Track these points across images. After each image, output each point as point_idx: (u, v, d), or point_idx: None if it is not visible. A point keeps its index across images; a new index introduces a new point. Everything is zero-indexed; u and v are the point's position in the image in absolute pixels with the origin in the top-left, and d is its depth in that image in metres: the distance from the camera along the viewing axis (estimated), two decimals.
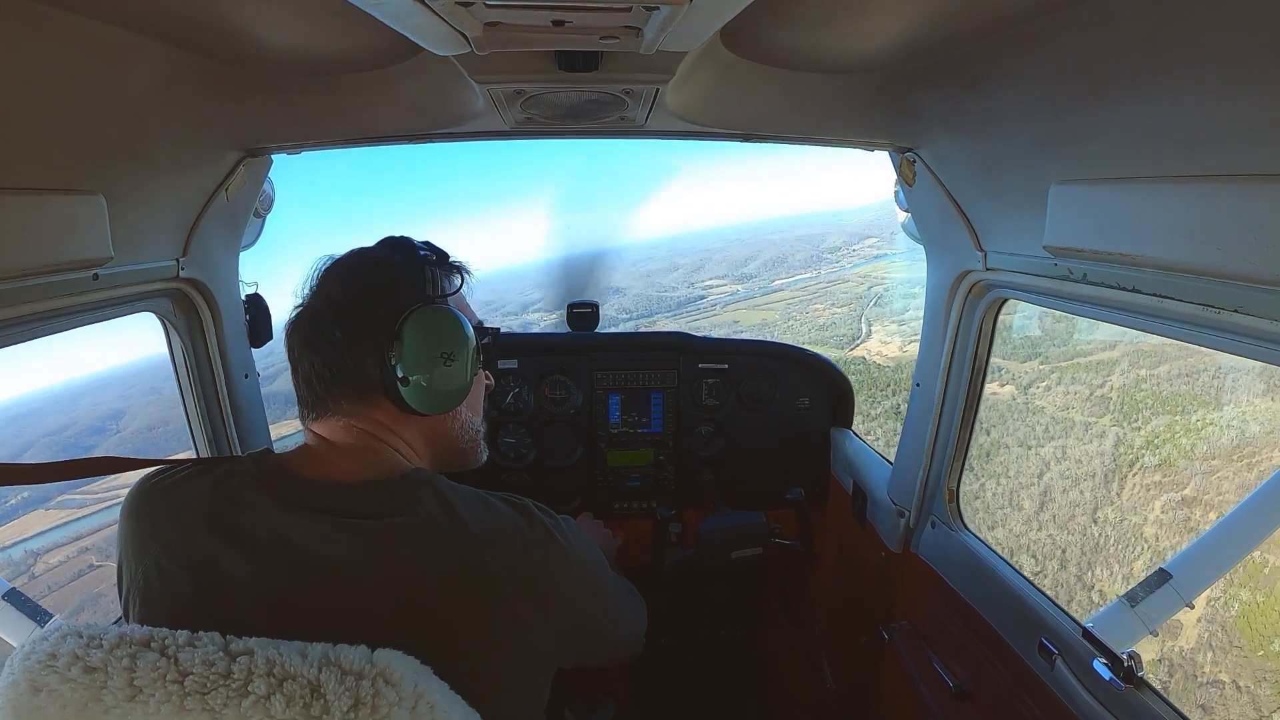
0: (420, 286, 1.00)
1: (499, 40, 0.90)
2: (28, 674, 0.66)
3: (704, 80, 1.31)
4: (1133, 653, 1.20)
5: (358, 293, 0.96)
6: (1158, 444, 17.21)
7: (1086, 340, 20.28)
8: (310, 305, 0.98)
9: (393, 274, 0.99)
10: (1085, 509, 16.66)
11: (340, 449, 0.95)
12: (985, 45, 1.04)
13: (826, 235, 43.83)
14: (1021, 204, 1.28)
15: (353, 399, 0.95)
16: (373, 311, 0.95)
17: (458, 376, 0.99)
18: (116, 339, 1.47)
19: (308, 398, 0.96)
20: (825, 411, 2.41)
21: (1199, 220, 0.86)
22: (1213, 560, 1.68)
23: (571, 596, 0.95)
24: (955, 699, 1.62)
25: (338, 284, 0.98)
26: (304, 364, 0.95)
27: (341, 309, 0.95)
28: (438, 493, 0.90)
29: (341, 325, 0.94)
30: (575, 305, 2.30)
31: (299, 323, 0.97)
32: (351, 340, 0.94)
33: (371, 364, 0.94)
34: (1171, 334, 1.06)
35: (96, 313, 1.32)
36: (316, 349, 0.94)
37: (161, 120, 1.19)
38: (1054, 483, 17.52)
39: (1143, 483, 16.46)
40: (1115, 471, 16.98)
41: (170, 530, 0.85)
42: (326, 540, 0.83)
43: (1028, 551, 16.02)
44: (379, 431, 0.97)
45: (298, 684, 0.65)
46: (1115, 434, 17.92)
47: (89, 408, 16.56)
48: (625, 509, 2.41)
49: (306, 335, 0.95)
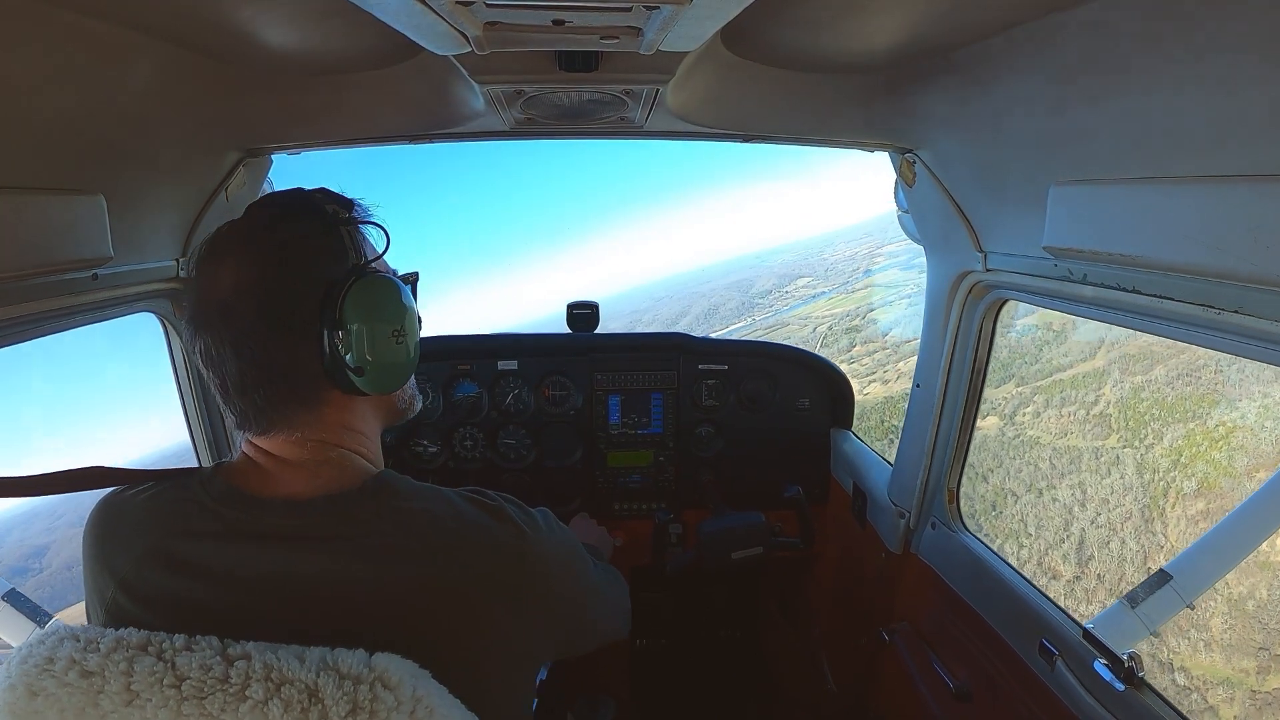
0: (342, 253, 0.87)
1: (499, 40, 0.90)
2: (25, 678, 0.66)
3: (704, 80, 1.31)
4: (1133, 654, 1.20)
5: (271, 273, 0.81)
6: (1186, 462, 14.22)
7: (1061, 352, 18.03)
8: (212, 297, 0.81)
9: (306, 243, 0.85)
10: (1135, 564, 13.37)
11: (293, 465, 0.85)
12: (985, 46, 1.04)
13: (755, 279, 42.52)
14: (1021, 204, 1.28)
15: (300, 404, 0.84)
16: (298, 292, 0.82)
17: (410, 348, 0.92)
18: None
19: (246, 409, 0.83)
20: (825, 412, 2.41)
21: (1199, 221, 0.86)
22: (1213, 560, 1.68)
23: (548, 592, 0.90)
24: (955, 700, 1.62)
25: (243, 266, 0.81)
26: (228, 369, 0.81)
27: (257, 296, 0.80)
28: (398, 502, 0.84)
29: (265, 316, 0.80)
30: (575, 306, 2.30)
31: (206, 320, 0.81)
32: (281, 332, 0.81)
33: (309, 355, 0.83)
34: (1172, 334, 1.06)
35: (96, 313, 1.31)
36: (241, 349, 0.80)
37: (162, 120, 1.19)
38: (1087, 533, 14.20)
39: (1187, 514, 13.32)
40: (1152, 506, 13.89)
41: (125, 563, 0.80)
42: (280, 566, 0.78)
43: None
44: (333, 437, 0.88)
45: (295, 689, 0.65)
46: (1132, 457, 15.10)
47: (15, 544, 15.87)
48: (625, 510, 2.41)
49: (223, 334, 0.80)
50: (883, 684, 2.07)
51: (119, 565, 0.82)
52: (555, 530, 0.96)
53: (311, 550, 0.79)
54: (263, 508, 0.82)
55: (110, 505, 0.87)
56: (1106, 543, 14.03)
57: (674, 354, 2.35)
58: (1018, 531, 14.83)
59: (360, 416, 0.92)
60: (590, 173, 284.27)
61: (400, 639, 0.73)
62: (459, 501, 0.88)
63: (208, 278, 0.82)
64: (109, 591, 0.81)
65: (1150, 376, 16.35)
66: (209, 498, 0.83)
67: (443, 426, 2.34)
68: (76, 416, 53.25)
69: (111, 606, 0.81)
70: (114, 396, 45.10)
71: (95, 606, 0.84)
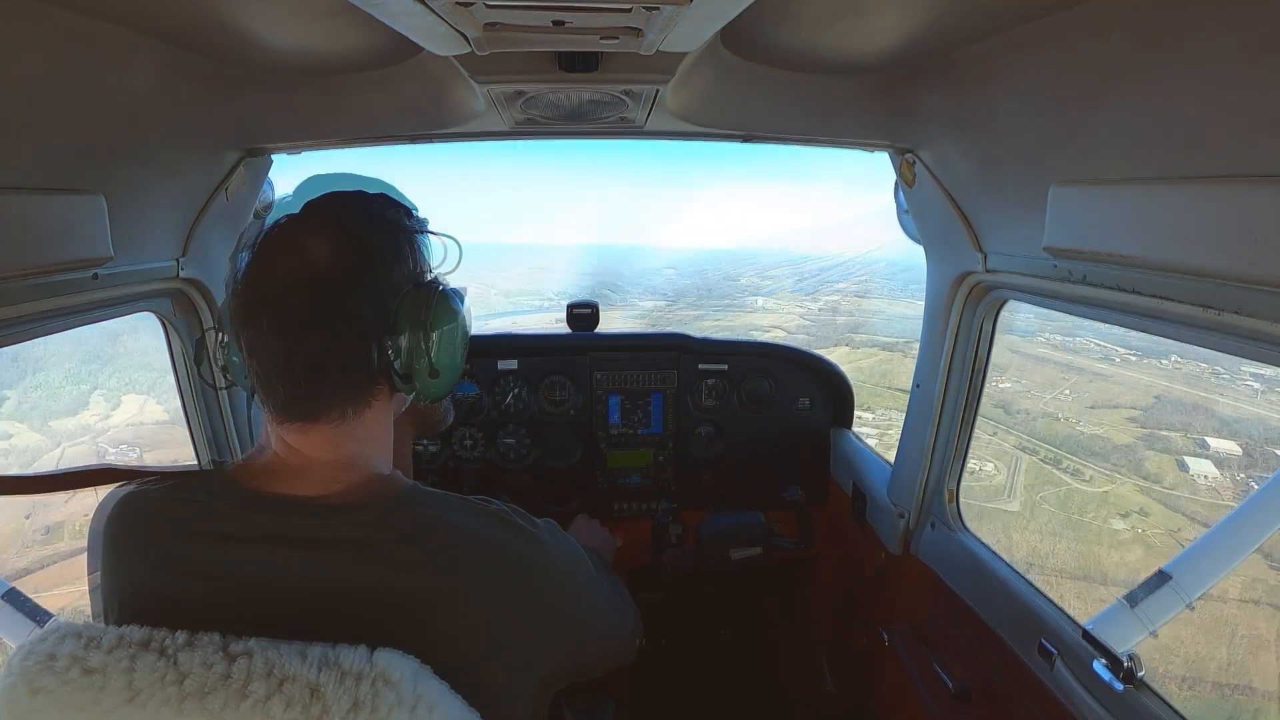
0: (415, 259, 0.90)
1: (499, 40, 0.90)
2: (26, 675, 0.66)
3: (704, 81, 1.31)
4: (1132, 654, 1.20)
5: (363, 260, 0.82)
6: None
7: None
8: (292, 277, 0.79)
9: (397, 240, 0.87)
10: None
11: (323, 464, 0.84)
12: (985, 46, 1.04)
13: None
14: (1021, 205, 1.28)
15: (350, 395, 0.84)
16: (380, 287, 0.83)
17: (462, 361, 0.94)
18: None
19: (295, 394, 0.81)
20: (825, 412, 2.41)
21: (1199, 222, 0.86)
22: (1213, 560, 1.68)
23: (552, 601, 0.90)
24: (955, 700, 1.62)
25: (335, 248, 0.81)
26: (282, 352, 0.79)
27: (348, 280, 0.81)
28: (405, 507, 0.84)
29: (348, 300, 0.80)
30: (575, 306, 2.31)
31: (272, 300, 0.79)
32: (353, 322, 0.81)
33: (372, 351, 0.83)
34: (1171, 335, 1.06)
35: (96, 312, 1.32)
36: (308, 332, 0.79)
37: (162, 120, 1.19)
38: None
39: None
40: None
41: (146, 562, 0.81)
42: (302, 571, 0.78)
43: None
44: (370, 439, 0.88)
45: (297, 686, 0.65)
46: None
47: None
48: (625, 510, 2.41)
49: (290, 315, 0.78)
50: (882, 684, 2.07)
51: (140, 564, 0.81)
52: (560, 541, 0.96)
53: (335, 556, 0.78)
54: (287, 510, 0.81)
55: (131, 502, 0.85)
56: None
57: (674, 354, 2.35)
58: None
59: (388, 417, 0.93)
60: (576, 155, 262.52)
61: (410, 644, 0.73)
62: (464, 509, 0.88)
63: (283, 258, 0.80)
64: (129, 589, 0.81)
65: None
66: (231, 498, 0.82)
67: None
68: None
69: (131, 604, 0.81)
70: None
71: (113, 603, 0.84)
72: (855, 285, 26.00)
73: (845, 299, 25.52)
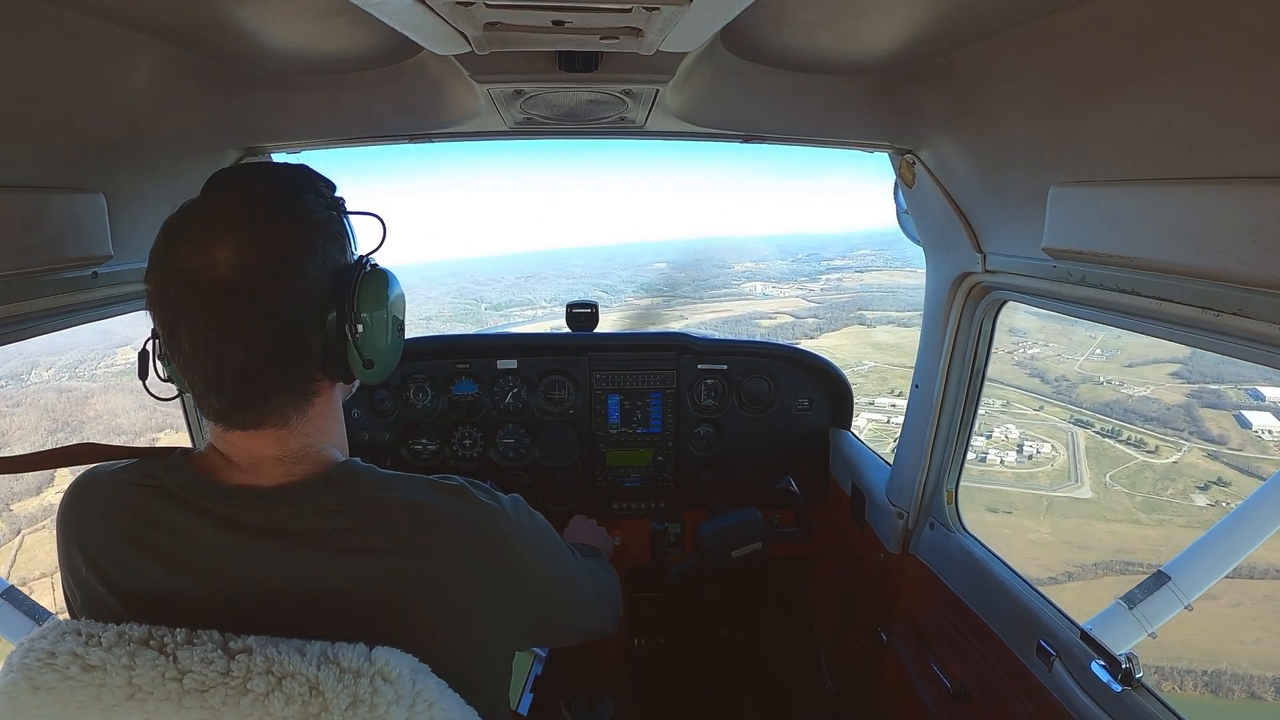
0: (345, 239, 0.86)
1: (499, 40, 0.90)
2: (26, 672, 0.66)
3: (704, 81, 1.31)
4: (1130, 654, 1.20)
5: (289, 254, 0.78)
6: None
7: None
8: (211, 276, 0.74)
9: (321, 228, 0.83)
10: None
11: (271, 460, 0.82)
12: (985, 47, 1.04)
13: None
14: (1021, 206, 1.28)
15: (291, 397, 0.81)
16: (315, 278, 0.80)
17: (398, 340, 0.93)
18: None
19: (238, 403, 0.78)
20: (824, 412, 2.41)
21: (1199, 223, 0.86)
22: (1212, 561, 1.68)
23: (516, 571, 0.89)
24: (953, 700, 1.63)
25: (254, 246, 0.76)
26: (226, 358, 0.75)
27: (277, 277, 0.76)
28: (365, 492, 0.82)
29: (281, 300, 0.76)
30: (575, 305, 2.31)
31: (198, 303, 0.74)
32: (296, 318, 0.78)
33: (317, 341, 0.80)
34: (1171, 337, 1.06)
35: (96, 310, 1.31)
36: (250, 335, 0.75)
37: (162, 119, 1.19)
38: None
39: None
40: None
41: (96, 545, 0.80)
42: (251, 557, 0.77)
43: None
44: (315, 431, 0.85)
45: (296, 682, 0.65)
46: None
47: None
48: (624, 509, 2.41)
49: (225, 319, 0.74)
50: (881, 684, 2.07)
51: (90, 546, 0.80)
52: (523, 514, 0.94)
53: (282, 546, 0.78)
54: (232, 497, 0.79)
55: (84, 485, 0.85)
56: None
57: (673, 354, 2.35)
58: None
59: (337, 405, 0.91)
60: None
61: (377, 632, 0.73)
62: (423, 488, 0.85)
63: (199, 257, 0.75)
64: (82, 572, 0.81)
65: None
66: (179, 485, 0.80)
67: (441, 425, 2.35)
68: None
69: (86, 586, 0.81)
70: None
71: (70, 585, 0.84)
72: (853, 261, 25.57)
73: (847, 276, 25.13)
